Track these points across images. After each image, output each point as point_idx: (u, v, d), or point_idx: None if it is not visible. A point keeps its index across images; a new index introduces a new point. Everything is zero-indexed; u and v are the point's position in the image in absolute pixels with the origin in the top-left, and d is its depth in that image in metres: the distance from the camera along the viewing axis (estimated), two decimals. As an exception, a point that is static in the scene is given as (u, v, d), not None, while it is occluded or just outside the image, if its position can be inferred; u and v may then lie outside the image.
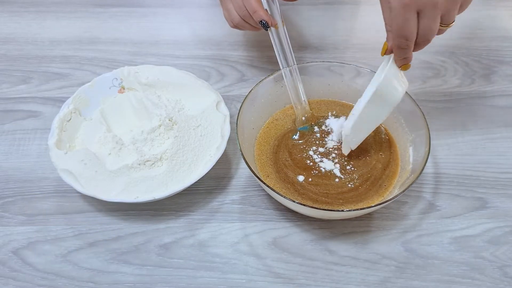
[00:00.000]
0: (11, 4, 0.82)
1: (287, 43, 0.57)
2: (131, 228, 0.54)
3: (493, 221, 0.54)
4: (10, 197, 0.56)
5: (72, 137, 0.57)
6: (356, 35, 0.77)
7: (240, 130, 0.53)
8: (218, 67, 0.72)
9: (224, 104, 0.59)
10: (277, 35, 0.56)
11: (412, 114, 0.55)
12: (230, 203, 0.56)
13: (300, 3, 0.83)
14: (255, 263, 0.51)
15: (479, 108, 0.66)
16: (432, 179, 0.58)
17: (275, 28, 0.55)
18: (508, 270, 0.50)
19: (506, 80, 0.70)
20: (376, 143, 0.57)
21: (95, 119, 0.59)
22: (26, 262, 0.51)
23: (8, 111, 0.65)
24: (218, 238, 0.53)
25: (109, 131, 0.58)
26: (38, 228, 0.53)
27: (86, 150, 0.54)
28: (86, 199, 0.56)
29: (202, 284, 0.49)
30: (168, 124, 0.57)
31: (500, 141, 0.62)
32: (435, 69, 0.71)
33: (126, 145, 0.56)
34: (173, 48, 0.75)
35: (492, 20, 0.80)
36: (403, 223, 0.54)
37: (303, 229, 0.53)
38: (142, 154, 0.54)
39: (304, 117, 0.59)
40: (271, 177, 0.54)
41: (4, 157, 0.60)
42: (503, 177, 0.58)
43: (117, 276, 0.50)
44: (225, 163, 0.59)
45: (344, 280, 0.49)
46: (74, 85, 0.68)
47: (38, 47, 0.75)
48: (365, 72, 0.59)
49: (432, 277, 0.50)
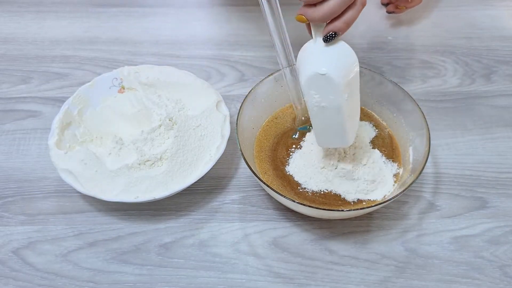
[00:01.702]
0: (11, 4, 0.82)
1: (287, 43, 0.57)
2: (131, 228, 0.54)
3: (493, 221, 0.54)
4: (10, 197, 0.56)
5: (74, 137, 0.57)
6: (356, 35, 0.77)
7: (240, 130, 0.53)
8: (218, 67, 0.72)
9: (224, 104, 0.59)
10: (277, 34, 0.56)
11: (412, 114, 0.55)
12: (230, 203, 0.56)
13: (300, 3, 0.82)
14: (255, 263, 0.51)
15: (479, 108, 0.66)
16: (432, 179, 0.58)
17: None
18: (508, 270, 0.50)
19: (506, 80, 0.70)
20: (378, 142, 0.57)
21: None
22: (26, 262, 0.51)
23: (8, 111, 0.65)
24: (218, 238, 0.53)
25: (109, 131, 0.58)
26: (38, 228, 0.53)
27: (86, 150, 0.54)
28: (86, 199, 0.56)
29: (202, 284, 0.49)
30: (168, 124, 0.57)
31: (500, 141, 0.62)
32: (435, 69, 0.71)
33: (126, 145, 0.56)
34: (173, 48, 0.75)
35: (492, 20, 0.80)
36: (403, 223, 0.54)
37: (303, 229, 0.53)
38: (142, 154, 0.54)
39: (304, 117, 0.59)
40: (269, 173, 0.54)
41: (4, 157, 0.60)
42: (503, 177, 0.58)
43: (117, 276, 0.50)
44: (225, 163, 0.59)
45: (344, 280, 0.49)
46: (74, 85, 0.68)
47: (38, 47, 0.75)
48: (365, 72, 0.59)
49: (432, 276, 0.50)
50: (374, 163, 0.53)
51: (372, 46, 0.75)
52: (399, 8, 0.76)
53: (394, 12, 0.77)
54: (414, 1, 0.75)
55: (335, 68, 0.44)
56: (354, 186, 0.52)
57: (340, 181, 0.52)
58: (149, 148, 0.56)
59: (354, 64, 0.46)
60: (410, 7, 0.76)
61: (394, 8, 0.77)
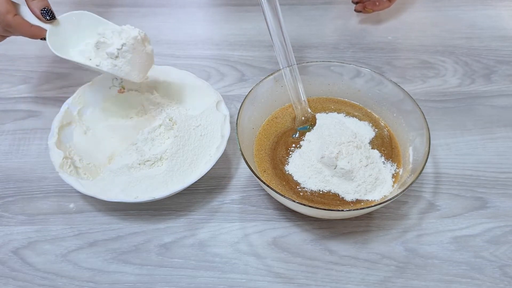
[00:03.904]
0: (11, 4, 0.82)
1: (287, 43, 0.57)
2: (131, 228, 0.54)
3: (493, 221, 0.54)
4: (10, 197, 0.56)
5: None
6: (356, 35, 0.77)
7: (240, 129, 0.53)
8: (218, 67, 0.72)
9: (224, 104, 0.59)
10: (277, 34, 0.56)
11: (412, 114, 0.55)
12: (230, 203, 0.56)
13: (300, 3, 0.83)
14: (255, 263, 0.51)
15: (479, 108, 0.66)
16: (432, 179, 0.58)
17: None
18: (508, 270, 0.50)
19: (506, 80, 0.70)
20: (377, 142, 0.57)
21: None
22: (26, 262, 0.51)
23: (8, 111, 0.65)
24: (218, 238, 0.53)
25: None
26: (38, 228, 0.53)
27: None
28: (86, 199, 0.56)
29: (202, 284, 0.49)
30: (168, 123, 0.57)
31: (500, 141, 0.62)
32: (435, 69, 0.71)
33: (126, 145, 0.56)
34: (173, 48, 0.75)
35: (492, 20, 0.80)
36: (403, 223, 0.54)
37: (303, 229, 0.53)
38: (142, 153, 0.54)
39: (304, 116, 0.59)
40: (268, 172, 0.54)
41: (4, 157, 0.60)
42: (503, 177, 0.58)
43: (117, 276, 0.50)
44: (225, 163, 0.59)
45: (344, 280, 0.49)
46: (74, 85, 0.67)
47: (38, 47, 0.75)
48: (365, 72, 0.59)
49: (432, 276, 0.50)
50: (373, 164, 0.53)
51: (372, 46, 0.75)
52: (366, 10, 0.78)
53: (362, 12, 0.79)
54: (381, 5, 0.76)
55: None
56: (353, 186, 0.52)
57: (339, 181, 0.52)
58: (149, 148, 0.56)
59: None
60: (377, 10, 0.78)
61: (361, 8, 0.78)
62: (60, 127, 0.56)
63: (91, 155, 0.56)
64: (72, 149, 0.55)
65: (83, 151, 0.56)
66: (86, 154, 0.56)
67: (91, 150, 0.56)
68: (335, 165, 0.51)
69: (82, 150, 0.56)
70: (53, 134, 0.55)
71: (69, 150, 0.55)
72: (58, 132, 0.55)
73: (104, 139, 0.58)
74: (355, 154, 0.52)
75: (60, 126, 0.56)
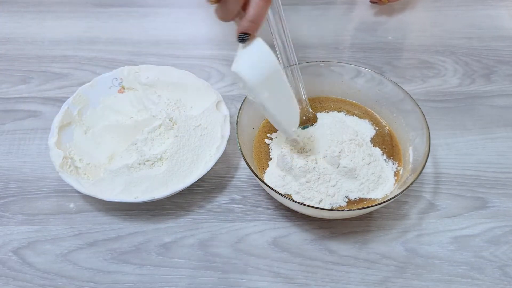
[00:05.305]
0: (11, 4, 0.82)
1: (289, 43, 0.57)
2: (131, 228, 0.54)
3: (493, 221, 0.54)
4: (10, 197, 0.56)
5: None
6: (356, 35, 0.77)
7: (240, 130, 0.53)
8: (218, 67, 0.72)
9: (224, 104, 0.59)
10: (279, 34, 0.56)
11: (412, 114, 0.55)
12: (230, 203, 0.56)
13: (300, 3, 0.83)
14: (255, 263, 0.51)
15: (479, 108, 0.66)
16: (432, 179, 0.58)
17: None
18: (508, 270, 0.50)
19: (506, 80, 0.70)
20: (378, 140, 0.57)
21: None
22: (26, 262, 0.51)
23: (8, 111, 0.66)
24: (218, 238, 0.53)
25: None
26: (38, 228, 0.53)
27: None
28: (86, 199, 0.56)
29: (202, 284, 0.49)
30: (168, 124, 0.57)
31: (500, 141, 0.62)
32: (435, 69, 0.71)
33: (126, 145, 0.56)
34: (173, 48, 0.75)
35: (492, 20, 0.80)
36: (403, 222, 0.54)
37: (303, 229, 0.53)
38: (142, 154, 0.54)
39: (305, 116, 0.59)
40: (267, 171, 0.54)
41: (4, 157, 0.60)
42: (503, 177, 0.58)
43: (117, 275, 0.50)
44: (225, 163, 0.59)
45: (344, 280, 0.49)
46: (74, 85, 0.68)
47: (38, 47, 0.75)
48: (365, 72, 0.59)
49: (432, 276, 0.50)
50: (375, 162, 0.53)
51: (372, 46, 0.75)
52: (382, 1, 0.80)
53: (377, 3, 0.81)
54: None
55: (248, 68, 0.46)
56: (356, 184, 0.51)
57: (342, 179, 0.52)
58: (149, 148, 0.56)
59: (271, 63, 0.47)
60: (392, 2, 0.79)
61: (377, 0, 0.80)
62: (60, 127, 0.56)
63: (91, 155, 0.56)
64: (72, 149, 0.55)
65: (83, 151, 0.56)
66: (86, 154, 0.56)
67: (91, 150, 0.56)
68: (338, 163, 0.51)
69: (82, 150, 0.56)
70: (53, 134, 0.55)
71: (69, 150, 0.55)
72: (58, 132, 0.55)
73: (104, 139, 0.58)
74: (357, 152, 0.52)
75: (60, 126, 0.56)
